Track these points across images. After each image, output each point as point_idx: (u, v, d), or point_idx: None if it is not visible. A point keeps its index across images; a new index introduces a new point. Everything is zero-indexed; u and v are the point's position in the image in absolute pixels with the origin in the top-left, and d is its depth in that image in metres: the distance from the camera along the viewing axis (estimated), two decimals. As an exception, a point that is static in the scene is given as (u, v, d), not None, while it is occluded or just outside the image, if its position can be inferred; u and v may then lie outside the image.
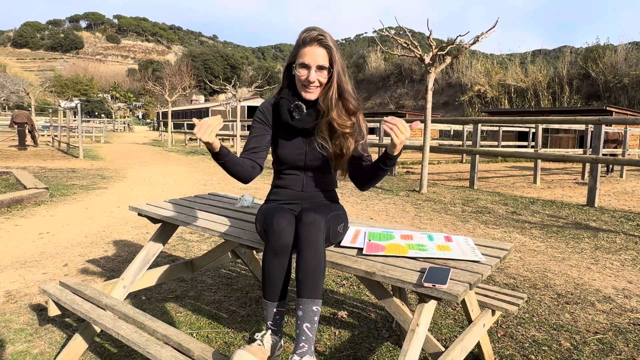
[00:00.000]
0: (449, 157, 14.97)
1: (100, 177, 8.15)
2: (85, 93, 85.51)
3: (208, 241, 3.83)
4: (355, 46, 58.33)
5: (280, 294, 1.54)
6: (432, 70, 6.56)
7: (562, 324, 2.35)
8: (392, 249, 1.63)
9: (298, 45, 1.67)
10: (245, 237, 1.80)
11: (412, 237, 1.79)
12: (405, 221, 4.79)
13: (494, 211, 5.43)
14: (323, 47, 1.67)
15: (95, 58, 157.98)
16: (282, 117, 1.72)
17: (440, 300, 1.30)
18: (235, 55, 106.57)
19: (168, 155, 14.04)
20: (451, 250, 1.60)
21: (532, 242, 4.02)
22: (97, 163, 10.90)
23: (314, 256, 1.47)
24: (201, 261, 2.52)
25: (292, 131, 1.74)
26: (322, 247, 1.50)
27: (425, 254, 1.57)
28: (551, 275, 3.12)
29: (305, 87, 1.68)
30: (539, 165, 8.48)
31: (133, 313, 1.75)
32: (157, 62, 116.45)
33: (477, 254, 1.58)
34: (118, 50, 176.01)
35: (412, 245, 1.67)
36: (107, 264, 3.23)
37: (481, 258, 1.53)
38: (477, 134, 7.98)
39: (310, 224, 1.50)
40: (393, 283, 1.35)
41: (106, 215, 4.86)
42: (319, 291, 1.47)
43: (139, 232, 4.13)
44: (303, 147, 1.76)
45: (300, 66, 1.65)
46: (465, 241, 1.74)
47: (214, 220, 2.10)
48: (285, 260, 1.53)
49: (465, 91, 31.60)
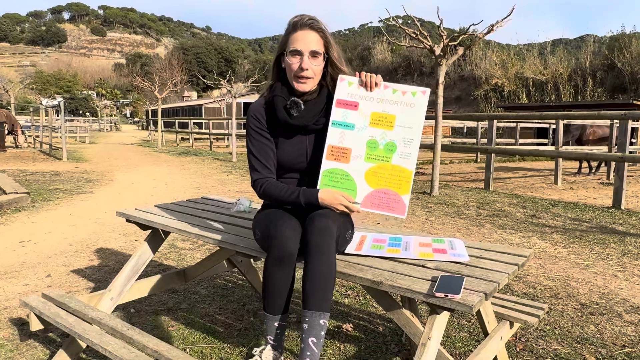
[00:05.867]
0: (462, 156, 14.96)
1: (86, 180, 8.18)
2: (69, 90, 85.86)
3: (202, 249, 3.83)
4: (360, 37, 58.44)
5: (282, 307, 1.54)
6: (443, 63, 6.57)
7: (587, 337, 2.34)
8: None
9: (288, 32, 1.64)
10: (242, 245, 1.81)
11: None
12: (415, 226, 4.79)
13: (512, 214, 5.42)
14: (315, 30, 1.64)
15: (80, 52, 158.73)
16: (280, 116, 1.69)
17: (454, 311, 1.31)
18: (230, 48, 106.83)
19: (158, 157, 14.08)
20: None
21: (553, 247, 4.01)
22: (82, 165, 10.94)
23: (324, 265, 1.46)
24: (194, 271, 2.53)
25: (291, 130, 1.72)
26: (333, 256, 1.50)
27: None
28: (574, 283, 3.11)
29: (298, 77, 1.65)
30: (560, 164, 8.46)
31: (121, 327, 1.75)
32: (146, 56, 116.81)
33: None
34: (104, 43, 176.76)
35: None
36: (93, 274, 3.23)
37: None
38: (493, 131, 7.97)
39: (323, 231, 1.49)
40: (402, 293, 1.35)
41: (92, 221, 4.88)
42: (328, 304, 1.47)
43: (128, 240, 4.14)
44: (304, 146, 1.74)
45: (291, 53, 1.62)
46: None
47: (208, 226, 2.10)
48: (289, 271, 1.52)
49: (480, 85, 31.57)
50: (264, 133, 1.73)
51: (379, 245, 1.78)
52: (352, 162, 1.67)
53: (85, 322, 1.84)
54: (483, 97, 30.53)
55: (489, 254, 1.70)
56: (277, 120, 1.72)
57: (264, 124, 1.73)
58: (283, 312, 1.55)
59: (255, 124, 1.74)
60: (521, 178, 9.52)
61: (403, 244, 1.81)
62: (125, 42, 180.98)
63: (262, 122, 1.73)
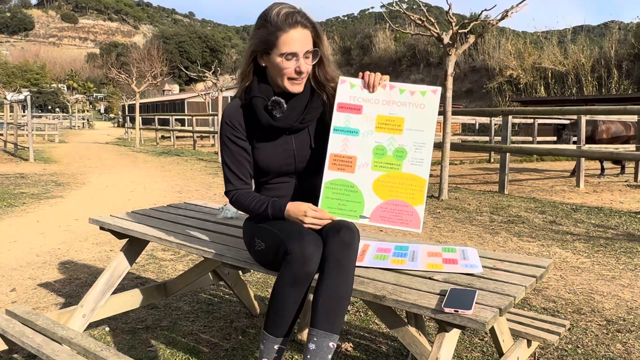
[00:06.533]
0: (473, 156, 15.00)
1: (55, 183, 8.15)
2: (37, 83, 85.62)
3: (184, 260, 3.82)
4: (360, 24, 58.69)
5: (287, 329, 1.54)
6: (452, 52, 6.59)
7: (613, 357, 2.35)
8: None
9: (275, 30, 1.61)
10: (229, 255, 1.80)
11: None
12: (422, 233, 4.79)
13: (529, 221, 5.43)
14: (307, 27, 1.65)
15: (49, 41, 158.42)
16: (262, 120, 1.69)
17: (464, 328, 1.31)
18: (215, 36, 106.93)
19: (136, 157, 14.06)
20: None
21: (575, 257, 4.02)
22: (51, 167, 10.91)
23: (343, 284, 1.48)
24: (176, 284, 2.52)
25: (274, 132, 1.73)
26: (353, 273, 1.51)
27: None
28: (599, 297, 3.12)
29: (294, 79, 1.67)
30: (582, 164, 8.50)
31: (94, 347, 1.74)
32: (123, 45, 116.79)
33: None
34: (75, 31, 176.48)
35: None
36: (63, 288, 3.22)
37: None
38: (508, 127, 8.00)
39: (348, 245, 1.51)
40: (407, 308, 1.35)
41: (62, 229, 4.86)
42: (340, 325, 1.48)
43: (102, 250, 4.12)
44: (290, 147, 1.75)
45: (285, 57, 1.62)
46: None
47: (191, 234, 2.10)
48: (304, 291, 1.53)
49: (493, 76, 31.69)
50: (239, 142, 1.74)
51: (382, 256, 1.78)
52: (358, 172, 1.67)
53: (54, 342, 1.83)
54: (497, 90, 30.63)
55: (503, 264, 1.71)
56: (258, 123, 1.72)
57: (240, 131, 1.74)
58: (286, 335, 1.55)
59: (229, 131, 1.74)
60: (539, 180, 9.55)
61: (410, 253, 1.81)
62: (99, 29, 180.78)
63: (238, 129, 1.74)
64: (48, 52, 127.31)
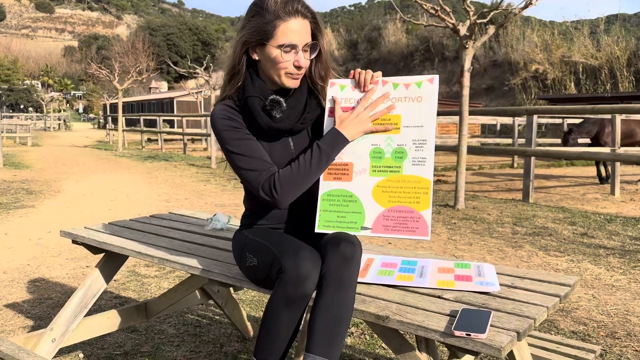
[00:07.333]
0: (494, 161, 14.98)
1: (26, 191, 8.18)
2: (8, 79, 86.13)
3: (170, 277, 3.83)
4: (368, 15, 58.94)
5: (281, 355, 1.54)
6: (469, 45, 6.60)
7: (649, 386, 2.33)
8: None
9: (273, 19, 1.61)
10: (218, 271, 1.81)
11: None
12: (436, 247, 4.78)
13: (557, 233, 5.42)
14: (307, 17, 1.66)
15: (21, 33, 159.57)
16: (260, 121, 1.69)
17: (478, 354, 1.30)
18: (208, 28, 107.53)
19: (118, 162, 14.10)
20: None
21: (609, 274, 4.00)
22: (22, 173, 10.95)
23: (343, 303, 1.48)
24: (159, 304, 2.52)
25: (273, 134, 1.74)
26: (354, 292, 1.51)
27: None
28: (636, 319, 3.10)
29: (292, 74, 1.68)
30: (617, 169, 8.48)
31: (65, 375, 1.74)
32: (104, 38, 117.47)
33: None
34: (51, 22, 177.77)
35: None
36: (32, 309, 3.22)
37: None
38: (533, 128, 7.99)
39: (349, 260, 1.51)
40: (412, 331, 1.35)
41: (32, 243, 4.87)
42: (339, 350, 1.48)
43: (77, 266, 4.13)
44: (289, 150, 1.76)
45: (284, 48, 1.63)
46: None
47: (177, 248, 2.10)
48: (300, 312, 1.53)
49: (517, 72, 31.73)
50: (244, 130, 1.71)
51: (388, 271, 1.78)
52: (356, 179, 1.67)
53: (20, 370, 1.83)
54: (521, 87, 30.64)
55: (523, 282, 1.70)
56: (254, 126, 1.72)
57: (242, 123, 1.72)
58: None
59: (228, 123, 1.70)
60: (569, 187, 9.53)
61: (418, 268, 1.81)
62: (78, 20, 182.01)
63: (237, 121, 1.71)
64: (21, 45, 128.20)
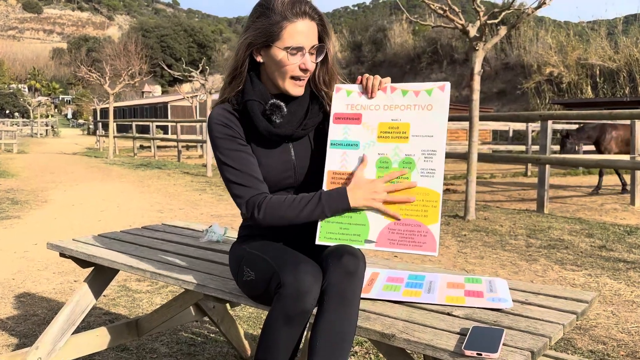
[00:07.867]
0: (506, 169, 14.98)
1: (11, 201, 8.19)
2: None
3: (163, 292, 3.82)
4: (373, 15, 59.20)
5: None
6: (479, 47, 6.62)
7: (673, 409, 2.31)
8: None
9: (280, 20, 1.63)
10: (213, 286, 1.81)
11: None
12: (445, 260, 4.77)
13: (574, 245, 5.41)
14: (314, 19, 1.68)
15: (8, 34, 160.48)
16: (260, 126, 1.70)
17: (490, 375, 1.30)
18: (204, 29, 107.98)
19: (109, 170, 14.12)
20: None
21: (629, 289, 3.99)
22: (7, 182, 10.96)
23: (346, 319, 1.48)
24: (151, 321, 2.51)
25: (273, 140, 1.75)
26: (357, 308, 1.51)
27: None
28: (656, 337, 3.09)
29: (296, 79, 1.70)
30: (638, 178, 8.46)
31: (51, 397, 1.74)
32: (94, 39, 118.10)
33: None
34: (39, 22, 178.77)
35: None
36: (17, 326, 3.21)
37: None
38: (547, 135, 8.00)
39: (352, 274, 1.51)
40: (420, 350, 1.35)
41: (18, 256, 4.87)
42: None
43: (64, 281, 4.13)
44: (289, 157, 1.77)
45: (290, 51, 1.64)
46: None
47: (170, 262, 2.10)
48: (300, 330, 1.53)
49: (530, 75, 31.75)
50: (240, 141, 1.73)
51: (394, 286, 1.78)
52: None
53: (3, 391, 1.83)
54: (534, 91, 30.66)
55: (537, 298, 1.70)
56: (253, 131, 1.73)
57: (238, 132, 1.73)
58: None
59: (224, 131, 1.72)
60: (586, 197, 9.51)
61: (426, 284, 1.81)
62: (67, 20, 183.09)
63: (235, 130, 1.73)
64: (7, 47, 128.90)
